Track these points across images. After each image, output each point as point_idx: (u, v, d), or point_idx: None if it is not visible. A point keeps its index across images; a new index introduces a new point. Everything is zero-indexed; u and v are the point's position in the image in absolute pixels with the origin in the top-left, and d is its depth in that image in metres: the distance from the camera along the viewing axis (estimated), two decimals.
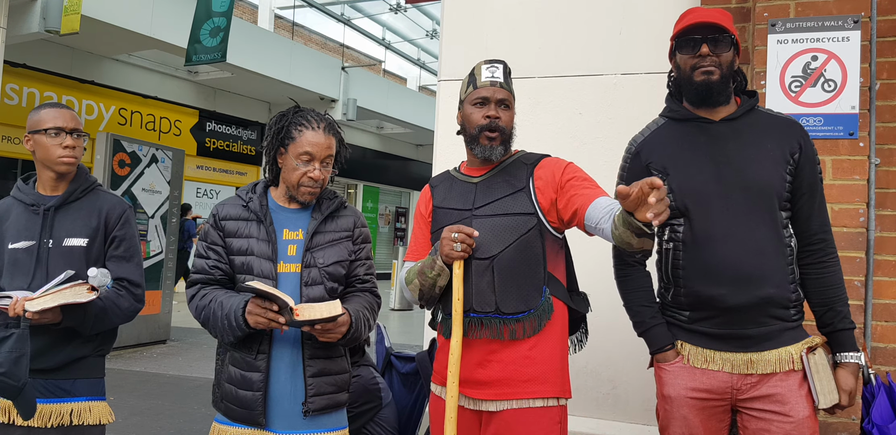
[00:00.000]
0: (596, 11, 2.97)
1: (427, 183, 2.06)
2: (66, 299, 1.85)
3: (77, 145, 2.07)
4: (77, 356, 2.02)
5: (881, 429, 1.85)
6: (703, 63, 1.76)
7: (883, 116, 2.47)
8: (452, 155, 3.11)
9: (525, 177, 1.86)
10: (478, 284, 1.79)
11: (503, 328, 1.77)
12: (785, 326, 1.73)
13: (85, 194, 2.11)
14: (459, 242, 1.73)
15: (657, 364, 1.86)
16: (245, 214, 1.88)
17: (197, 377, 5.73)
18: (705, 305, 1.74)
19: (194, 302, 1.85)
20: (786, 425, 1.67)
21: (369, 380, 2.30)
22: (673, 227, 1.80)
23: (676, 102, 1.90)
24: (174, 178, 7.33)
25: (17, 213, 2.08)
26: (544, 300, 1.78)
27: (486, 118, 1.86)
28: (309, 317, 1.65)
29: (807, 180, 1.76)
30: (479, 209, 1.85)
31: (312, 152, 1.81)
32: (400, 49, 20.62)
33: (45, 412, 1.96)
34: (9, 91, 9.86)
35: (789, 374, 1.70)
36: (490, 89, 1.87)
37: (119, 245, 2.09)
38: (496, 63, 1.92)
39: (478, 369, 1.79)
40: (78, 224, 2.05)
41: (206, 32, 8.99)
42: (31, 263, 2.00)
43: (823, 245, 1.77)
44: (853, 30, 2.41)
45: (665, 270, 1.84)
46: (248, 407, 1.78)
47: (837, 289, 1.77)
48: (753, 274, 1.69)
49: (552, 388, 1.77)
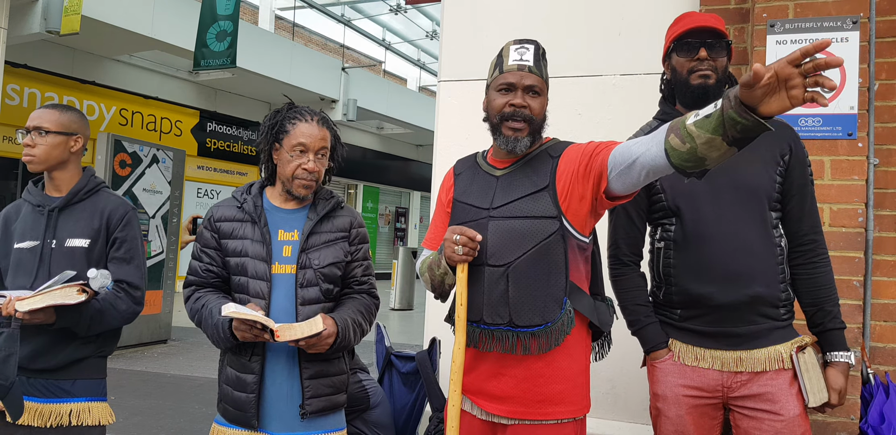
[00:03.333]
0: (596, 12, 2.98)
1: (452, 166, 1.91)
2: (54, 301, 1.84)
3: (33, 144, 2.04)
4: (78, 357, 2.02)
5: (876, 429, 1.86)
6: (700, 67, 1.78)
7: (882, 117, 2.47)
8: (453, 155, 3.11)
9: (549, 172, 1.67)
10: (490, 293, 1.64)
11: (516, 342, 1.62)
12: (775, 324, 1.75)
13: (89, 196, 2.12)
14: (461, 245, 1.61)
15: (649, 362, 1.87)
16: (239, 216, 1.87)
17: (198, 377, 5.73)
18: (695, 304, 1.76)
19: (189, 304, 1.86)
20: (776, 424, 1.68)
21: (353, 384, 2.29)
22: (665, 226, 1.82)
23: (669, 105, 1.92)
24: (175, 178, 7.34)
25: (25, 213, 2.09)
26: (563, 313, 1.61)
27: (510, 106, 1.66)
28: (290, 338, 1.66)
29: (797, 182, 1.78)
30: (496, 210, 1.68)
31: (306, 143, 1.80)
32: (400, 50, 20.64)
33: (44, 412, 1.97)
34: (10, 91, 9.87)
35: (779, 372, 1.72)
36: (517, 74, 1.67)
37: (120, 247, 2.09)
38: (527, 43, 1.71)
39: (491, 381, 1.68)
40: (80, 225, 2.06)
41: (212, 36, 8.99)
42: (35, 263, 2.01)
43: (814, 246, 1.79)
44: (852, 30, 2.42)
45: (657, 269, 1.85)
46: (241, 408, 1.78)
47: (828, 289, 1.78)
48: (742, 273, 1.71)
49: (568, 408, 1.64)
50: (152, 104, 12.29)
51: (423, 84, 22.10)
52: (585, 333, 1.71)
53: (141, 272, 2.12)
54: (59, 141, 2.07)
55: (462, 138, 3.12)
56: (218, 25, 8.99)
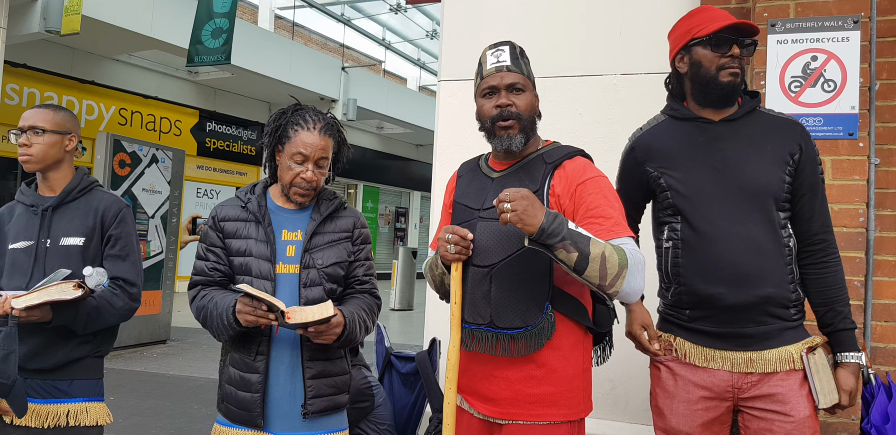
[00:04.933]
0: (596, 12, 2.97)
1: (457, 169, 1.93)
2: (51, 296, 1.84)
3: (29, 143, 2.03)
4: (75, 357, 2.02)
5: (879, 429, 1.85)
6: (731, 64, 1.74)
7: (882, 116, 2.47)
8: (453, 155, 3.11)
9: (541, 178, 1.69)
10: (473, 293, 1.67)
11: (496, 343, 1.64)
12: (785, 325, 1.73)
13: (83, 194, 2.11)
14: (453, 243, 1.62)
15: (655, 362, 1.86)
16: (244, 215, 1.88)
17: (197, 377, 5.73)
18: (704, 304, 1.75)
19: (195, 303, 1.85)
20: (787, 425, 1.67)
21: (359, 379, 2.30)
22: (671, 225, 1.81)
23: (678, 101, 1.89)
24: (174, 178, 7.33)
25: (19, 214, 2.09)
26: (544, 318, 1.61)
27: (496, 108, 1.69)
28: (300, 320, 1.64)
29: (807, 181, 1.76)
30: (486, 211, 1.70)
31: (306, 153, 1.79)
32: (400, 49, 20.63)
33: (41, 413, 1.96)
34: (9, 91, 9.86)
35: (790, 373, 1.71)
36: (496, 76, 1.70)
37: (115, 244, 2.08)
38: (501, 45, 1.74)
39: (483, 383, 1.69)
40: (75, 223, 2.05)
41: (207, 33, 8.98)
42: (30, 263, 2.00)
43: (825, 245, 1.77)
44: (853, 30, 2.41)
45: (665, 269, 1.84)
46: (246, 408, 1.78)
47: (838, 289, 1.77)
48: (752, 273, 1.70)
49: (562, 411, 1.63)
50: (152, 104, 12.28)
51: (423, 84, 22.09)
52: (582, 335, 1.70)
53: (137, 269, 2.11)
54: (54, 140, 2.07)
55: (462, 138, 3.12)
56: (214, 23, 8.97)
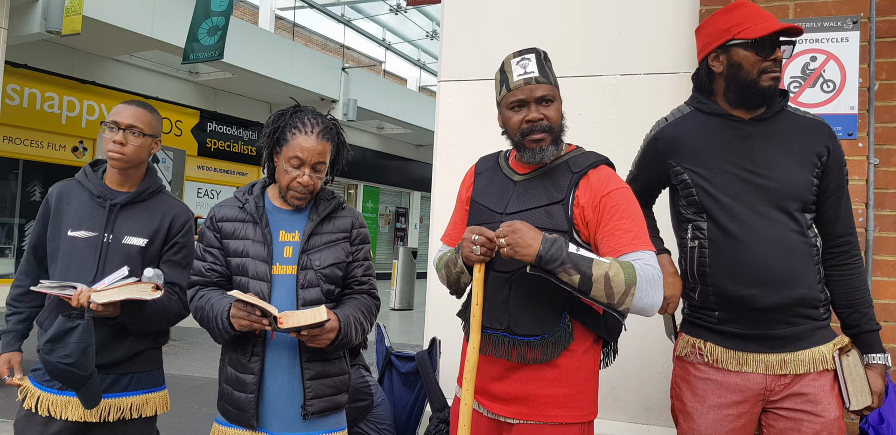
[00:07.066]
0: (595, 12, 2.97)
1: (474, 164, 1.91)
2: (131, 294, 1.87)
3: (127, 142, 2.01)
4: (137, 350, 2.05)
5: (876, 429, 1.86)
6: (773, 68, 1.72)
7: (882, 117, 2.47)
8: (453, 155, 3.12)
9: (567, 187, 1.66)
10: (492, 298, 1.66)
11: (512, 350, 1.64)
12: (816, 325, 1.72)
13: (152, 196, 2.12)
14: (479, 245, 1.58)
15: (681, 363, 1.84)
16: (241, 216, 1.87)
17: (197, 377, 5.73)
18: (735, 306, 1.72)
19: (193, 302, 1.86)
20: (815, 425, 1.65)
21: (356, 378, 2.30)
22: (696, 224, 1.79)
23: (705, 96, 1.85)
24: (175, 178, 7.35)
25: (82, 200, 2.06)
26: (561, 327, 1.62)
27: (527, 122, 1.66)
28: (293, 324, 1.64)
29: (834, 183, 1.75)
30: (509, 215, 1.69)
31: (302, 157, 1.78)
32: (400, 50, 20.63)
33: (104, 407, 1.99)
34: (10, 91, 9.86)
35: (822, 374, 1.69)
36: (525, 89, 1.65)
37: (179, 251, 2.11)
38: (527, 53, 1.68)
39: (496, 383, 1.69)
40: (140, 224, 2.06)
41: (203, 31, 9.00)
42: (95, 257, 1.99)
43: (849, 247, 1.77)
44: (852, 30, 2.42)
45: (690, 270, 1.81)
46: (241, 408, 1.78)
47: (862, 290, 1.76)
48: (785, 275, 1.68)
49: (574, 413, 1.64)
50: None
51: (423, 84, 22.08)
52: (594, 340, 1.71)
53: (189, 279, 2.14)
54: (148, 143, 2.09)
55: (462, 138, 3.12)
56: (210, 21, 9.00)
